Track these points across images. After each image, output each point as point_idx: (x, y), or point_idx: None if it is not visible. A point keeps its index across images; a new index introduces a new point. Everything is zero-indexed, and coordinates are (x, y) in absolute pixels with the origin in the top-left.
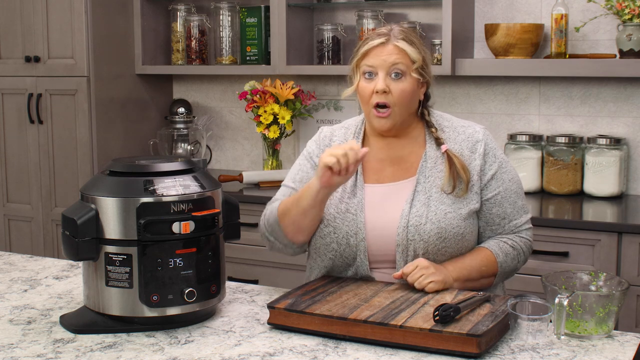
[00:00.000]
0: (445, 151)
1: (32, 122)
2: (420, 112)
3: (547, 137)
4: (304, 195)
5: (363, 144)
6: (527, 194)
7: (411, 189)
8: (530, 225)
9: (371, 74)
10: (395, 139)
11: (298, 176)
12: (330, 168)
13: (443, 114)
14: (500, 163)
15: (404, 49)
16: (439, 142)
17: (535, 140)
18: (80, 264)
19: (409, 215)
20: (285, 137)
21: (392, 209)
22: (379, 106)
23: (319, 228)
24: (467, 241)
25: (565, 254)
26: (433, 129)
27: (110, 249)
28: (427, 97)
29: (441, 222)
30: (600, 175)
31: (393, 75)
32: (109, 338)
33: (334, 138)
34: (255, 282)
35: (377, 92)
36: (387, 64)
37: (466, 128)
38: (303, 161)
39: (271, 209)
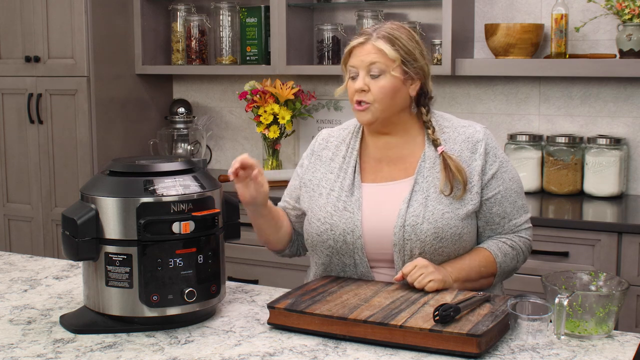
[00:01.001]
0: (441, 153)
1: (32, 122)
2: (418, 111)
3: (547, 137)
4: None
5: (361, 144)
6: (527, 194)
7: (409, 189)
8: (530, 225)
9: (356, 74)
10: (392, 138)
11: (288, 191)
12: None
13: (444, 114)
14: (501, 162)
15: (382, 49)
16: (435, 144)
17: (535, 140)
18: (80, 264)
19: (406, 215)
20: (285, 137)
21: (390, 208)
22: (358, 102)
23: (315, 226)
24: (465, 242)
25: (565, 254)
26: (430, 130)
27: (110, 249)
28: (424, 94)
29: (438, 222)
30: (600, 175)
31: (372, 73)
32: (109, 338)
33: (331, 139)
34: (255, 282)
35: (356, 90)
36: (365, 64)
37: (466, 128)
38: (294, 176)
39: None
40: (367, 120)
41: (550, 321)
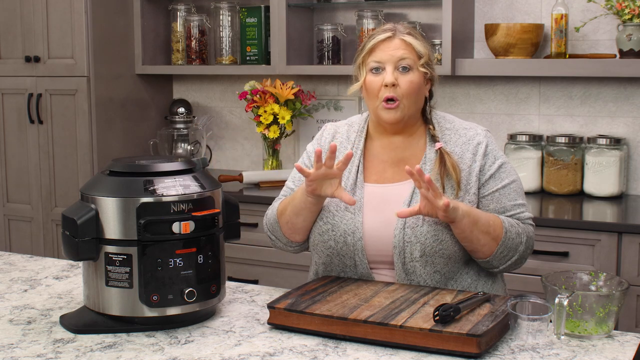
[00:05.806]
0: (439, 148)
1: (32, 122)
2: (423, 110)
3: (547, 137)
4: (296, 195)
5: (366, 143)
6: (527, 194)
7: (410, 191)
8: (532, 222)
9: (378, 69)
10: (398, 138)
11: (297, 176)
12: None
13: (446, 115)
14: (500, 164)
15: (411, 43)
16: (434, 140)
17: (535, 140)
18: (80, 264)
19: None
20: (285, 137)
21: (390, 210)
22: (387, 100)
23: (318, 225)
24: None
25: (565, 254)
26: (431, 126)
27: (110, 249)
28: (430, 95)
29: (438, 224)
30: (600, 175)
31: (401, 69)
32: (109, 338)
33: (337, 135)
34: (255, 282)
35: (385, 85)
36: (395, 58)
37: (468, 130)
38: (303, 161)
39: (272, 207)
40: (396, 118)
41: (550, 321)
